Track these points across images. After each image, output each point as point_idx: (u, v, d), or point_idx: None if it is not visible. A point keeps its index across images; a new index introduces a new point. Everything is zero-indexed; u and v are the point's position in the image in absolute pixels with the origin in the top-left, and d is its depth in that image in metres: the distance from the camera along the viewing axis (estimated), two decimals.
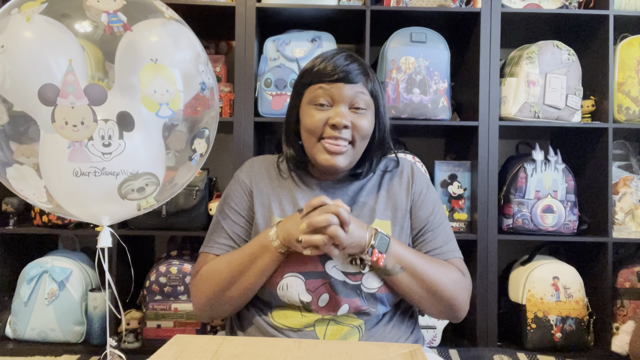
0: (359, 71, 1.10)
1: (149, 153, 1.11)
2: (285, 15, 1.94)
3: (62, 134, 1.01)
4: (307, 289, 1.07)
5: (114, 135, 1.03)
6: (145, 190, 1.11)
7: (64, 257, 1.88)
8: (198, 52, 1.19)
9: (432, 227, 1.17)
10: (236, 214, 1.17)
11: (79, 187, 1.06)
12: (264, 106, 1.86)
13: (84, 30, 1.04)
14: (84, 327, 1.85)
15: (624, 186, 1.99)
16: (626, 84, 1.93)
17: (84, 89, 1.00)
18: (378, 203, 1.16)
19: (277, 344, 0.93)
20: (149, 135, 1.10)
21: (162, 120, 1.11)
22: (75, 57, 1.02)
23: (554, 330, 1.82)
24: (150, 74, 1.06)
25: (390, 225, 1.15)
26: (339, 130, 1.08)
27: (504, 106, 1.91)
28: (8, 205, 1.86)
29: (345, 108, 1.09)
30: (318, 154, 1.10)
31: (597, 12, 1.91)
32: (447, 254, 1.16)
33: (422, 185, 1.20)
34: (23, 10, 1.04)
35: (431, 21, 1.94)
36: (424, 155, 2.06)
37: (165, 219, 1.83)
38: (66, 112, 0.99)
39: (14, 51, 1.01)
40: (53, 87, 1.00)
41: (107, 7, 1.06)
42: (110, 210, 1.16)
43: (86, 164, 1.03)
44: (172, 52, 1.12)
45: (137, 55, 1.07)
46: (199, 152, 1.20)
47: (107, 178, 1.05)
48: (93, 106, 1.01)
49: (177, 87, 1.10)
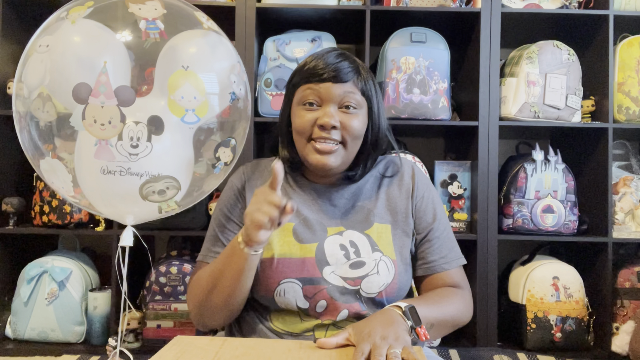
0: (350, 69, 1.06)
1: (175, 157, 1.13)
2: (285, 15, 1.94)
3: (90, 131, 1.05)
4: (305, 295, 1.05)
5: (143, 138, 1.06)
6: (166, 193, 1.13)
7: (64, 257, 1.88)
8: (233, 63, 1.21)
9: (436, 233, 1.14)
10: (229, 221, 1.15)
11: (104, 184, 1.09)
12: (264, 106, 1.86)
13: (123, 34, 1.09)
14: (84, 327, 1.85)
15: (624, 186, 1.99)
16: (626, 84, 1.93)
17: (114, 90, 1.03)
18: (377, 207, 1.14)
19: (277, 345, 0.93)
20: (177, 141, 1.13)
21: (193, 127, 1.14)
22: (112, 60, 1.06)
23: (554, 330, 1.82)
24: (179, 80, 1.09)
25: (391, 229, 1.12)
26: (327, 131, 1.05)
27: (504, 106, 1.91)
28: (8, 205, 1.86)
29: (335, 108, 1.06)
30: (309, 154, 1.07)
31: (597, 12, 1.91)
32: (452, 263, 1.14)
33: (424, 189, 1.18)
34: (71, 14, 1.09)
35: (431, 21, 1.94)
36: (424, 155, 2.06)
37: (165, 219, 1.82)
38: (96, 111, 1.03)
39: (56, 51, 1.06)
40: (86, 86, 1.03)
41: (148, 14, 1.10)
42: (133, 210, 1.18)
43: (112, 162, 1.06)
44: (204, 61, 1.15)
45: (172, 62, 1.11)
46: (223, 161, 1.21)
47: (132, 178, 1.09)
48: (121, 107, 1.04)
49: (206, 95, 1.12)
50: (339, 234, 1.10)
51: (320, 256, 1.07)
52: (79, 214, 1.86)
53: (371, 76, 1.12)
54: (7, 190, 1.95)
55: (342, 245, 1.08)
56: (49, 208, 1.85)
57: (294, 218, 1.11)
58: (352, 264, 1.07)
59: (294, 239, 1.09)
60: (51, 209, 1.85)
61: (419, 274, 1.15)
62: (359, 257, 1.07)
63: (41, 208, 1.87)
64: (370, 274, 1.06)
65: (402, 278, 1.09)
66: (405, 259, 1.11)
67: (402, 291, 1.11)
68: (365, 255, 1.07)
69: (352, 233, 1.10)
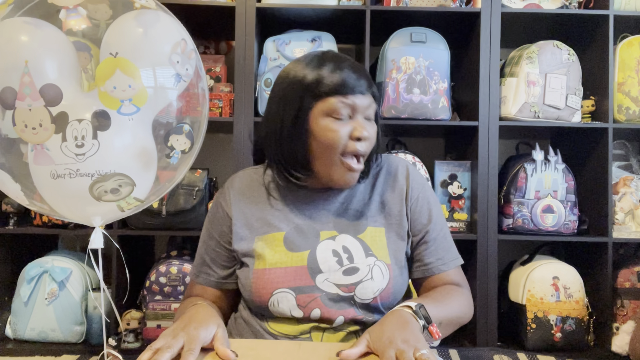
0: (368, 81, 1.06)
1: (124, 152, 1.06)
2: (285, 15, 1.94)
3: (24, 137, 0.98)
4: (298, 305, 1.03)
5: (88, 135, 0.99)
6: (119, 191, 1.06)
7: (64, 257, 1.88)
8: (176, 41, 1.11)
9: (433, 234, 1.13)
10: (214, 241, 1.14)
11: (58, 188, 1.02)
12: (264, 106, 1.86)
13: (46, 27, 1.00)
14: (84, 327, 1.85)
15: (624, 186, 1.99)
16: (626, 84, 1.93)
17: (39, 90, 0.97)
18: (370, 209, 1.12)
19: (276, 346, 0.93)
20: (122, 134, 1.05)
21: (130, 116, 1.04)
22: (35, 58, 0.98)
23: (554, 330, 1.82)
24: (108, 69, 1.00)
25: (385, 232, 1.10)
26: (361, 143, 1.04)
27: (504, 106, 1.91)
28: (8, 205, 1.86)
29: (363, 119, 1.06)
30: (337, 171, 1.05)
31: (597, 12, 1.90)
32: (449, 264, 1.13)
33: (419, 189, 1.15)
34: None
35: (431, 21, 1.94)
36: (424, 155, 2.06)
37: (165, 219, 1.83)
38: (24, 115, 0.97)
39: None
40: (11, 89, 0.97)
41: (68, 2, 1.02)
42: (94, 212, 1.13)
43: (60, 165, 0.99)
44: (136, 43, 1.05)
45: (102, 51, 1.02)
46: (178, 150, 1.15)
47: (83, 179, 1.02)
48: (49, 107, 0.97)
49: (142, 81, 1.03)
50: (332, 238, 1.08)
51: (313, 264, 1.05)
52: None
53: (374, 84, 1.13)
54: None
55: (334, 251, 1.06)
56: None
57: (285, 226, 1.09)
58: (345, 270, 1.04)
59: (285, 248, 1.07)
60: None
61: (416, 275, 1.14)
62: (352, 262, 1.05)
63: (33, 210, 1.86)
64: (364, 279, 1.04)
65: (396, 282, 1.07)
66: (400, 262, 1.09)
67: (397, 295, 1.09)
68: (358, 260, 1.05)
69: (345, 237, 1.08)
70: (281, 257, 1.06)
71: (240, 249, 1.10)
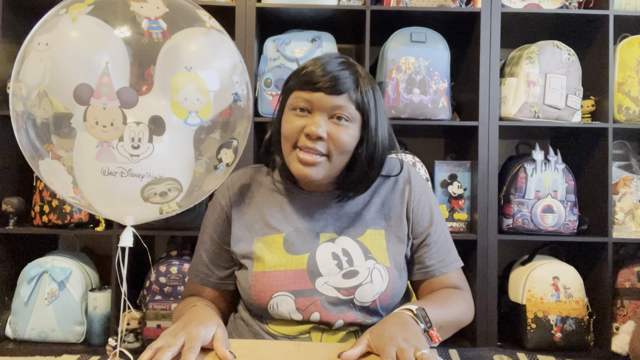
0: (347, 81, 1.01)
1: (176, 159, 1.12)
2: (285, 15, 1.94)
3: (92, 133, 1.03)
4: (298, 308, 1.03)
5: (144, 138, 1.05)
6: (167, 195, 1.12)
7: (64, 257, 1.88)
8: (235, 63, 1.19)
9: (434, 237, 1.12)
10: (212, 241, 1.14)
11: (105, 185, 1.07)
12: (264, 106, 1.86)
13: (124, 34, 1.07)
14: (84, 327, 1.85)
15: (624, 186, 1.99)
16: (626, 84, 1.93)
17: (116, 92, 1.02)
18: (370, 212, 1.11)
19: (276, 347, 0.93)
20: (179, 141, 1.12)
21: (193, 127, 1.12)
22: (114, 60, 1.04)
23: (554, 330, 1.82)
24: (183, 81, 1.07)
25: (385, 235, 1.10)
26: (313, 141, 1.01)
27: (504, 106, 1.91)
28: (8, 205, 1.86)
29: (324, 118, 1.01)
30: (292, 162, 1.04)
31: (597, 12, 1.91)
32: (450, 267, 1.12)
33: (420, 192, 1.14)
34: (70, 11, 1.06)
35: (431, 21, 1.94)
36: (424, 155, 2.06)
37: (165, 219, 1.82)
38: (98, 113, 1.02)
39: (56, 49, 1.04)
40: (88, 87, 1.02)
41: (150, 13, 1.08)
42: (133, 211, 1.17)
43: (113, 164, 1.05)
44: (208, 61, 1.13)
45: (174, 62, 1.09)
46: (225, 162, 1.20)
47: (133, 179, 1.07)
48: (124, 109, 1.03)
49: (209, 96, 1.11)
50: (331, 241, 1.08)
51: (312, 267, 1.05)
52: (79, 214, 1.86)
53: (373, 90, 1.05)
54: (7, 190, 1.95)
55: (334, 254, 1.06)
56: (49, 208, 1.85)
57: (284, 228, 1.09)
58: (345, 273, 1.04)
59: (284, 251, 1.06)
60: (51, 209, 1.85)
61: (417, 278, 1.13)
62: (352, 266, 1.05)
63: (41, 208, 1.87)
64: (363, 283, 1.04)
65: (396, 285, 1.07)
66: (399, 265, 1.09)
67: (397, 298, 1.09)
68: (358, 263, 1.05)
69: (345, 240, 1.08)
70: (280, 260, 1.05)
71: (238, 251, 1.10)
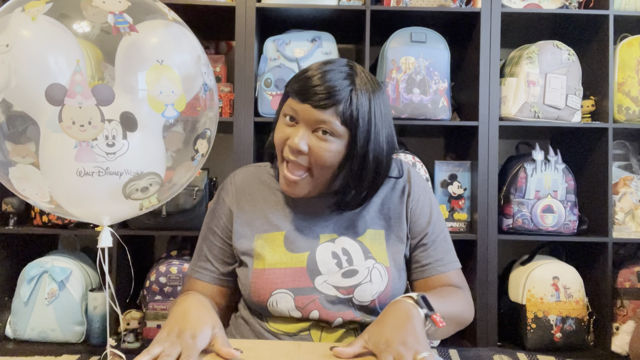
0: (339, 94, 0.96)
1: (151, 153, 1.11)
2: (285, 15, 1.94)
3: (69, 133, 1.02)
4: (297, 306, 1.03)
5: (118, 136, 1.04)
6: (148, 190, 1.11)
7: (64, 257, 1.88)
8: (199, 54, 1.19)
9: (432, 236, 1.12)
10: (216, 236, 1.14)
11: (82, 186, 1.06)
12: (264, 106, 1.86)
13: (85, 30, 1.05)
14: (84, 327, 1.85)
15: (624, 186, 1.99)
16: (626, 84, 1.93)
17: (92, 89, 1.01)
18: (370, 211, 1.11)
19: (276, 347, 0.94)
20: (150, 136, 1.11)
21: (162, 121, 1.11)
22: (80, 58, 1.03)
23: (554, 330, 1.82)
24: (156, 75, 1.07)
25: (384, 235, 1.10)
26: (294, 154, 0.99)
27: (504, 106, 1.91)
28: (8, 205, 1.86)
29: (307, 131, 0.99)
30: (280, 175, 1.05)
31: (597, 12, 1.90)
32: (448, 266, 1.11)
33: (419, 192, 1.14)
34: (28, 9, 1.04)
35: (431, 21, 1.94)
36: (424, 155, 2.06)
37: (165, 219, 1.83)
38: (74, 112, 1.00)
39: (20, 50, 1.02)
40: (61, 87, 1.00)
41: (113, 8, 1.06)
42: (111, 210, 1.16)
43: (89, 163, 1.04)
44: (176, 53, 1.12)
45: (140, 56, 1.07)
46: (200, 152, 1.20)
47: (111, 178, 1.06)
48: (101, 106, 1.02)
49: (182, 88, 1.10)
50: (332, 241, 1.08)
51: (312, 265, 1.05)
52: None
53: (370, 101, 1.00)
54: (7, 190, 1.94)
55: (334, 253, 1.06)
56: None
57: (285, 226, 1.10)
58: (344, 272, 1.05)
59: (285, 249, 1.07)
60: None
61: (415, 277, 1.13)
62: (351, 265, 1.05)
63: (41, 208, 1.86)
64: (363, 282, 1.04)
65: (395, 285, 1.07)
66: (399, 265, 1.09)
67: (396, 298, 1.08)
68: (357, 263, 1.05)
69: (345, 240, 1.08)
70: (281, 258, 1.06)
71: (239, 247, 1.10)
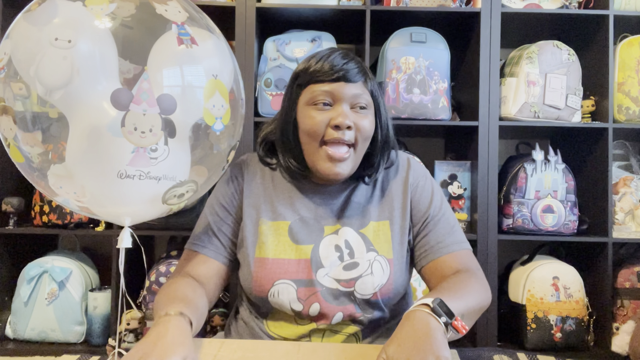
0: (358, 70, 1.04)
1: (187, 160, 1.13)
2: (285, 15, 1.94)
3: (130, 139, 1.03)
4: (299, 298, 1.03)
5: (161, 142, 1.04)
6: (184, 196, 1.13)
7: (64, 257, 1.88)
8: (237, 68, 1.22)
9: (432, 218, 1.11)
10: (224, 211, 1.13)
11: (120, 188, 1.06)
12: (264, 106, 1.86)
13: (159, 40, 1.05)
14: (84, 327, 1.85)
15: (624, 186, 1.99)
16: (626, 84, 1.93)
17: (157, 98, 1.02)
18: (372, 203, 1.12)
19: (276, 348, 0.94)
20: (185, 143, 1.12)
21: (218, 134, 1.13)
22: (152, 67, 1.03)
23: (554, 330, 1.82)
24: (211, 88, 1.09)
25: (389, 225, 1.10)
26: (342, 131, 1.02)
27: (504, 106, 1.91)
28: (8, 205, 1.86)
29: (347, 107, 1.03)
30: (319, 161, 1.04)
31: (597, 12, 1.90)
32: (452, 247, 1.07)
33: (418, 177, 1.15)
34: (90, 5, 1.02)
35: (431, 21, 1.94)
36: (424, 155, 2.06)
37: (165, 219, 1.83)
38: (137, 118, 1.01)
39: (84, 48, 1.00)
40: (127, 92, 1.01)
41: (175, 18, 1.07)
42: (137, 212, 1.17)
43: (131, 167, 1.04)
44: (225, 68, 1.15)
45: (197, 69, 1.09)
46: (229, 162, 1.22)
47: (150, 182, 1.06)
48: (163, 115, 1.03)
49: (229, 103, 1.13)
50: (335, 232, 1.09)
51: (316, 258, 1.06)
52: (79, 214, 1.86)
53: (373, 76, 1.11)
54: (7, 190, 1.94)
55: (337, 247, 1.07)
56: (49, 208, 1.85)
57: (290, 216, 1.10)
58: (345, 265, 1.05)
59: (290, 239, 1.07)
60: (51, 209, 1.85)
61: (421, 264, 1.10)
62: (352, 258, 1.06)
63: (41, 208, 1.87)
64: (364, 274, 1.04)
65: (397, 278, 1.07)
66: (403, 257, 1.09)
67: (398, 291, 1.09)
68: (359, 255, 1.06)
69: (348, 231, 1.09)
70: (285, 248, 1.07)
71: (244, 227, 1.10)
